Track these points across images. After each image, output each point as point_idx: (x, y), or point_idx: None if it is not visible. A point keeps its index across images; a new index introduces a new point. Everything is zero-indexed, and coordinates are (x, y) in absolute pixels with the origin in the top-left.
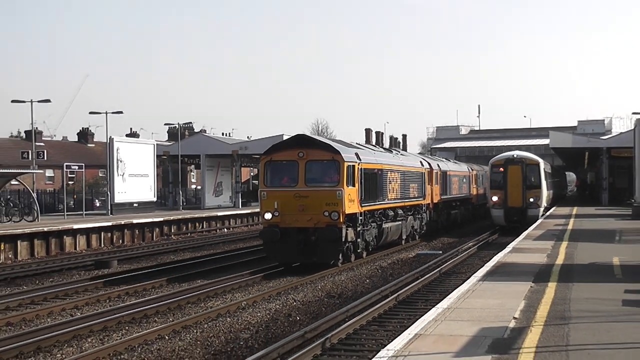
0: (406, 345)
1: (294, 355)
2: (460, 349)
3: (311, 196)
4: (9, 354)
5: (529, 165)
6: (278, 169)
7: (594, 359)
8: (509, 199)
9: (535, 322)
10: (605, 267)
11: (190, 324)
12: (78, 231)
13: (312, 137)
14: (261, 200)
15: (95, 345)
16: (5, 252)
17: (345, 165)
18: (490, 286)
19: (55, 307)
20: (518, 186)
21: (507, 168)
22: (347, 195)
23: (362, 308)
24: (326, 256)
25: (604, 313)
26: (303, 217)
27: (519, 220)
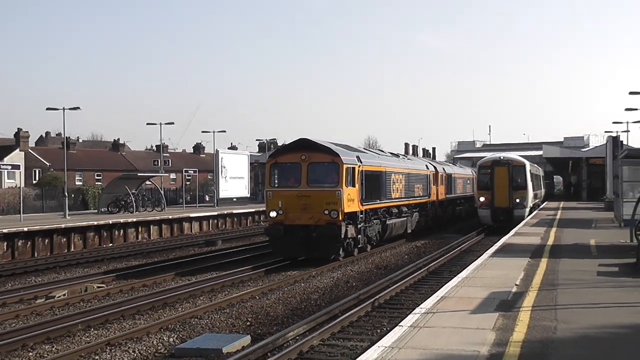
0: (435, 305)
1: (350, 311)
2: (475, 307)
3: (313, 196)
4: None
5: (515, 167)
6: (283, 170)
7: (576, 315)
8: (496, 199)
9: (532, 288)
10: (584, 246)
11: (274, 287)
12: (193, 218)
13: (313, 141)
14: (267, 200)
15: (205, 302)
16: (142, 233)
17: (344, 167)
18: (498, 261)
19: (177, 273)
20: (504, 187)
21: (493, 169)
22: (346, 195)
23: (402, 277)
24: (326, 251)
25: (583, 281)
26: (305, 215)
27: (505, 220)
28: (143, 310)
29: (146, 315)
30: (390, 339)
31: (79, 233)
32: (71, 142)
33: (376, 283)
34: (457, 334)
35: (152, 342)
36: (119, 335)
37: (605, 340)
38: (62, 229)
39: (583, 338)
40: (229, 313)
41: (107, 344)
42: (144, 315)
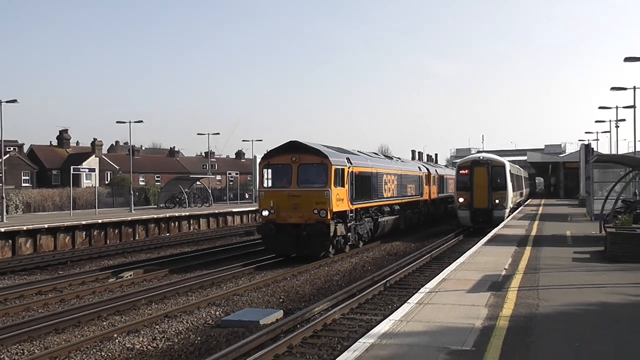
0: (437, 285)
1: (367, 290)
2: (470, 287)
3: (302, 196)
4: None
5: (495, 167)
6: (274, 171)
7: (554, 294)
8: (475, 200)
9: (518, 272)
10: (562, 237)
11: (302, 270)
12: (235, 213)
13: (303, 143)
14: (260, 200)
15: (245, 282)
16: (193, 225)
17: (332, 168)
18: (489, 249)
19: (222, 259)
20: (484, 188)
21: (473, 170)
22: (335, 195)
23: (410, 261)
24: (315, 249)
25: (561, 266)
26: (296, 215)
27: (485, 222)
28: (194, 288)
29: (197, 292)
30: (399, 313)
31: (142, 224)
32: (136, 149)
33: (387, 267)
34: (456, 309)
35: (202, 314)
36: (175, 308)
37: (578, 314)
38: (128, 221)
39: (560, 313)
40: (265, 291)
41: (165, 316)
42: (195, 292)
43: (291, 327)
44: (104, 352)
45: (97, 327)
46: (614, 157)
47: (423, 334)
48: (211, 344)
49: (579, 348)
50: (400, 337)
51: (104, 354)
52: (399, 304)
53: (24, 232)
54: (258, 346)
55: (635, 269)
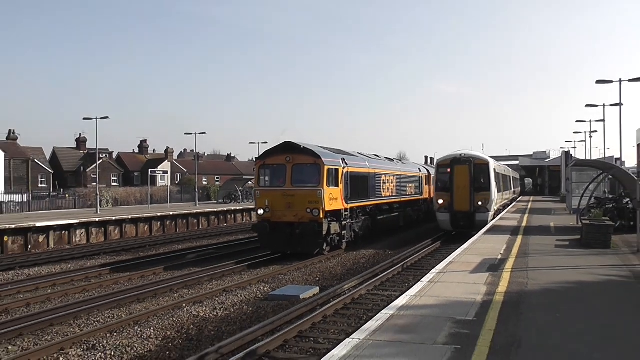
0: (445, 267)
1: (387, 270)
2: (473, 269)
3: (296, 195)
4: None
5: (478, 166)
6: (269, 171)
7: (540, 275)
8: (456, 202)
9: (511, 256)
10: (547, 227)
11: (334, 255)
12: None
13: (297, 144)
14: (255, 199)
15: (288, 264)
16: (246, 217)
17: (325, 168)
18: (488, 237)
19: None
20: (465, 188)
21: (453, 168)
22: (328, 194)
23: (422, 248)
24: (308, 247)
25: (546, 251)
26: (290, 213)
27: (466, 226)
28: (247, 268)
29: (249, 271)
30: (414, 290)
31: (204, 216)
32: (200, 155)
33: (404, 252)
34: (461, 287)
35: (253, 289)
36: (231, 284)
37: (559, 291)
38: (194, 214)
39: (545, 290)
40: (304, 272)
41: (223, 290)
42: (247, 271)
43: (325, 301)
44: (175, 318)
45: (170, 298)
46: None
47: (434, 306)
48: (260, 314)
49: (560, 317)
50: (415, 309)
51: (175, 319)
52: (414, 282)
53: (113, 222)
54: (299, 316)
55: (605, 254)
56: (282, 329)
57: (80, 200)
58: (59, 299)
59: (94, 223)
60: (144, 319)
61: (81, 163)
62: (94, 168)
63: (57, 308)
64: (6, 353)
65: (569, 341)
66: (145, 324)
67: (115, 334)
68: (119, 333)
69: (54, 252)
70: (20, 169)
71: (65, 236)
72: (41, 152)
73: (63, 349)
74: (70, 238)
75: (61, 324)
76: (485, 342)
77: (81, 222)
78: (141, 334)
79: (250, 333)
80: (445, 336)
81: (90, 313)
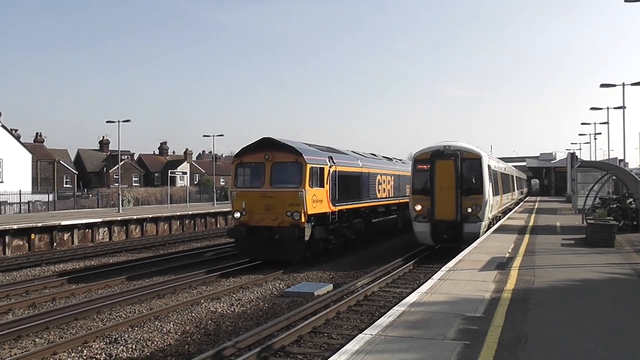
0: (455, 265)
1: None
2: (481, 267)
3: (275, 196)
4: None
5: (467, 161)
6: (247, 170)
7: (547, 272)
8: (437, 208)
9: (518, 254)
10: (553, 227)
11: (348, 253)
12: None
13: (277, 140)
14: (232, 200)
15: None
16: None
17: (308, 167)
18: (496, 236)
19: None
20: (450, 190)
21: (434, 164)
22: (311, 196)
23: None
24: (289, 254)
25: (552, 250)
26: (269, 217)
27: (452, 239)
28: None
29: (265, 269)
30: (425, 287)
31: (222, 215)
32: (217, 157)
33: (415, 250)
34: (470, 284)
35: (269, 286)
36: (248, 281)
37: (565, 288)
38: (212, 213)
39: (551, 287)
40: (318, 269)
41: (240, 287)
42: (263, 269)
43: (339, 298)
44: (193, 313)
45: (189, 294)
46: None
47: (444, 303)
48: (276, 310)
49: (566, 314)
50: (425, 306)
51: (193, 314)
52: (425, 279)
53: (134, 220)
54: (313, 312)
55: (609, 252)
56: (296, 325)
57: (103, 199)
58: (82, 294)
59: (116, 222)
60: (164, 314)
61: (104, 164)
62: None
63: (81, 303)
64: (33, 345)
65: (575, 337)
66: (165, 319)
67: (136, 328)
68: (140, 327)
69: (78, 250)
70: (47, 170)
71: (89, 234)
72: (66, 154)
73: (87, 342)
74: (93, 236)
75: (85, 318)
76: (493, 338)
77: (104, 221)
78: (161, 328)
79: (266, 328)
80: (454, 332)
81: (112, 308)
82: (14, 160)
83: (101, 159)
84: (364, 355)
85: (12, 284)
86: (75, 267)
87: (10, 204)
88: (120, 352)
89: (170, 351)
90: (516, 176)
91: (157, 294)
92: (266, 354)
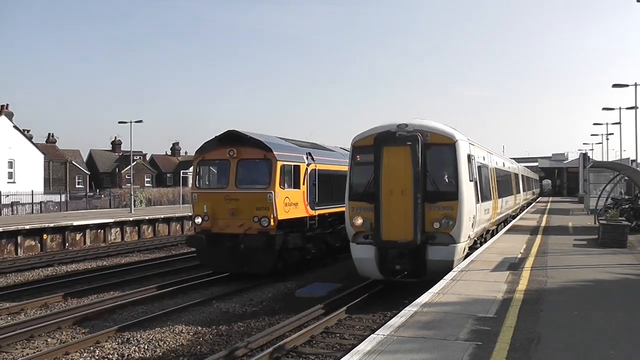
0: (467, 266)
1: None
2: (493, 267)
3: (241, 199)
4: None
5: (434, 148)
6: (210, 168)
7: (559, 273)
8: (386, 223)
9: (531, 255)
10: (565, 227)
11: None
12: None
13: (243, 134)
14: (192, 203)
15: (315, 264)
16: None
17: (279, 164)
18: (508, 236)
19: None
20: (406, 194)
21: (380, 153)
22: (282, 198)
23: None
24: (256, 265)
25: (564, 250)
26: (234, 223)
27: (409, 270)
28: None
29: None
30: (437, 288)
31: None
32: None
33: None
34: (482, 284)
35: (280, 287)
36: (259, 282)
37: (577, 289)
38: None
39: (563, 288)
40: (330, 269)
41: (252, 287)
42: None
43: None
44: (205, 313)
45: (200, 294)
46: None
47: (456, 303)
48: (287, 310)
49: (578, 314)
50: (437, 306)
51: (205, 315)
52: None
53: (146, 221)
54: (325, 312)
55: (621, 253)
56: (308, 325)
57: (115, 200)
58: (94, 294)
59: (128, 222)
60: (175, 315)
61: (116, 165)
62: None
63: (92, 303)
64: (46, 345)
65: (587, 337)
66: (177, 319)
67: (148, 328)
68: (152, 327)
69: (90, 250)
70: (59, 171)
71: (101, 234)
72: (78, 155)
73: (99, 342)
74: (105, 236)
75: (97, 319)
76: (505, 339)
77: (116, 221)
78: (173, 328)
79: (278, 329)
80: (466, 332)
81: (124, 308)
82: (26, 160)
83: (113, 159)
84: (376, 356)
85: (24, 284)
86: (87, 267)
87: (23, 204)
88: (133, 352)
89: (182, 351)
90: (523, 175)
91: (169, 294)
92: (278, 354)
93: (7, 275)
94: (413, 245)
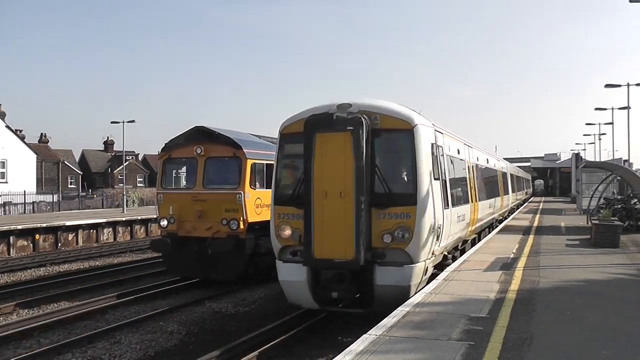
0: (459, 265)
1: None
2: (486, 267)
3: (209, 200)
4: None
5: (385, 135)
6: (176, 167)
7: (551, 273)
8: (319, 235)
9: (523, 255)
10: (558, 227)
11: None
12: None
13: (211, 130)
14: (158, 205)
15: None
16: None
17: (249, 163)
18: (501, 237)
19: None
20: (346, 196)
21: (312, 141)
22: (253, 199)
23: None
24: (225, 271)
25: (556, 250)
26: (202, 225)
27: (351, 298)
28: None
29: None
30: (429, 287)
31: None
32: None
33: None
34: (474, 284)
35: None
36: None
37: (569, 289)
38: None
39: (556, 288)
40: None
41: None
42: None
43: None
44: (197, 313)
45: (192, 293)
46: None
47: (448, 303)
48: (281, 310)
49: (570, 315)
50: (430, 306)
51: (197, 315)
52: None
53: (139, 221)
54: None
55: (613, 253)
56: (301, 325)
57: (107, 200)
58: (87, 294)
59: (120, 222)
60: (168, 314)
61: (109, 165)
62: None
63: (85, 303)
64: (38, 345)
65: (579, 337)
66: (169, 319)
67: (140, 328)
68: (144, 328)
69: (83, 250)
70: (51, 171)
71: (94, 235)
72: (71, 155)
73: (92, 342)
74: (98, 236)
75: (89, 319)
76: (498, 338)
77: (108, 222)
78: (165, 329)
79: (271, 329)
80: (459, 332)
81: (116, 308)
82: (18, 160)
83: (106, 159)
84: (369, 356)
85: (16, 284)
86: (80, 267)
87: (15, 204)
88: (125, 352)
89: (174, 351)
90: (513, 174)
91: (161, 294)
92: (271, 354)
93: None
94: (355, 265)
